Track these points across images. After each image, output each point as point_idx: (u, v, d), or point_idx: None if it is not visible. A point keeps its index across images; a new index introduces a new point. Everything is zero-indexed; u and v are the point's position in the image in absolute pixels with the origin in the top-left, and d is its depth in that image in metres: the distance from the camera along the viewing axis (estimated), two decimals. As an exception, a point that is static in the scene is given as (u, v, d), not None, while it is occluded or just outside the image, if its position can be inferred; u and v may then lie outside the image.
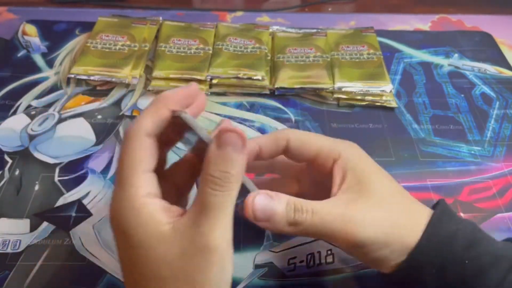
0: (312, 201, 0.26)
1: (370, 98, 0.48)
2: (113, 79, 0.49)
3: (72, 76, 0.49)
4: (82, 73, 0.49)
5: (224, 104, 0.48)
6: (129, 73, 0.49)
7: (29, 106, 0.47)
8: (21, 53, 0.54)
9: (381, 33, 0.57)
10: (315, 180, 0.32)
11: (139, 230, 0.23)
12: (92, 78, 0.49)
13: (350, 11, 0.65)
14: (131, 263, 0.24)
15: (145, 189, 0.24)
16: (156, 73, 0.49)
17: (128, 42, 0.52)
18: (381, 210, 0.27)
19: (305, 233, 0.26)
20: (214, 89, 0.49)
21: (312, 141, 0.29)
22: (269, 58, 0.52)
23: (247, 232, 0.37)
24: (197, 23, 0.56)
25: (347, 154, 0.29)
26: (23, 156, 0.42)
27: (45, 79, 0.50)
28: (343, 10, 0.66)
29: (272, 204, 0.26)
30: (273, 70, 0.51)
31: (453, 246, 0.26)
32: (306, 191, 0.32)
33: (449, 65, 0.54)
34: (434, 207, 0.29)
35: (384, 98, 0.48)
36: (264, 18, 0.62)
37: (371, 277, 0.34)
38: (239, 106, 0.48)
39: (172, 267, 0.23)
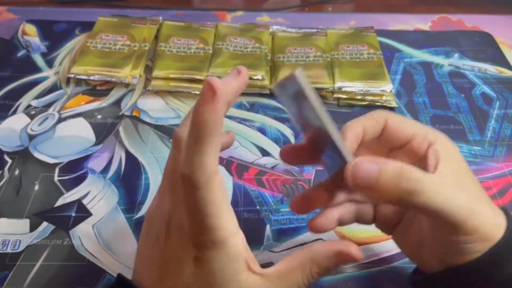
0: (424, 172, 0.25)
1: (370, 98, 0.48)
2: (113, 79, 0.49)
3: (72, 76, 0.49)
4: (82, 73, 0.49)
5: (224, 104, 0.48)
6: (129, 73, 0.49)
7: (29, 106, 0.47)
8: (21, 53, 0.54)
9: (381, 33, 0.57)
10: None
11: (224, 275, 0.24)
12: (92, 78, 0.49)
13: (350, 11, 0.65)
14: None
15: (238, 240, 0.24)
16: (156, 73, 0.49)
17: (128, 42, 0.52)
18: (481, 204, 0.25)
19: (412, 205, 0.24)
20: (214, 89, 0.49)
21: (409, 124, 0.29)
22: (269, 58, 0.52)
23: (247, 232, 0.37)
24: (197, 23, 0.56)
25: (443, 141, 0.28)
26: (23, 156, 0.42)
27: (45, 79, 0.50)
28: (343, 10, 0.66)
29: (378, 169, 0.24)
30: (273, 70, 0.51)
31: None
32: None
33: (449, 65, 0.54)
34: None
35: (384, 98, 0.48)
36: (264, 18, 0.62)
37: (371, 277, 0.34)
38: (239, 106, 0.48)
39: None
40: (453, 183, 0.26)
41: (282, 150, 0.30)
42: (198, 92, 0.48)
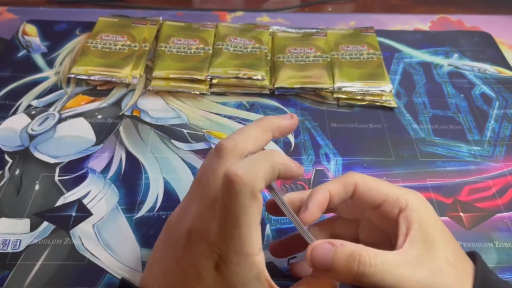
0: (381, 252, 0.25)
1: (370, 98, 0.48)
2: (113, 79, 0.49)
3: (73, 76, 0.49)
4: (83, 73, 0.49)
5: (224, 104, 0.48)
6: (129, 73, 0.49)
7: (29, 106, 0.47)
8: (21, 53, 0.54)
9: (381, 33, 0.57)
10: (375, 224, 0.31)
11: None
12: (92, 78, 0.49)
13: (350, 11, 0.66)
14: None
15: (259, 251, 0.25)
16: (156, 73, 0.49)
17: (128, 42, 0.53)
18: (443, 276, 0.26)
19: (365, 285, 0.25)
20: (214, 89, 0.49)
21: (380, 188, 0.29)
22: (269, 58, 0.52)
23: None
24: (197, 23, 0.56)
25: (414, 205, 0.28)
26: (23, 156, 0.42)
27: (45, 79, 0.50)
28: (343, 10, 0.66)
29: (333, 251, 0.25)
30: (273, 70, 0.51)
31: None
32: (365, 233, 0.32)
33: (449, 65, 0.54)
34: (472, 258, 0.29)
35: (384, 98, 0.48)
36: (264, 18, 0.62)
37: (371, 277, 0.34)
38: (239, 106, 0.48)
39: None
40: (415, 259, 0.26)
41: (271, 247, 0.32)
42: (198, 92, 0.49)
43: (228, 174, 0.23)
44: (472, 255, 0.29)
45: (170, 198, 0.39)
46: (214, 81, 0.49)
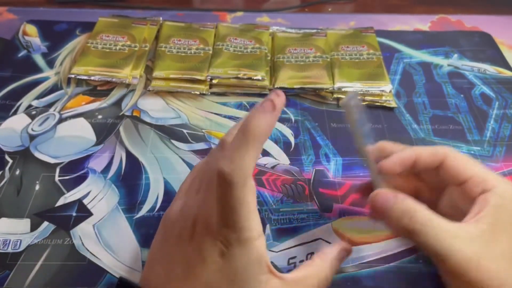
0: (438, 218, 0.26)
1: (369, 98, 0.48)
2: (114, 79, 0.49)
3: (73, 76, 0.49)
4: (83, 73, 0.49)
5: (224, 104, 0.48)
6: (129, 73, 0.49)
7: (29, 106, 0.47)
8: (22, 53, 0.54)
9: (380, 33, 0.58)
10: (456, 202, 0.30)
11: (246, 271, 0.25)
12: (92, 78, 0.49)
13: (350, 11, 0.66)
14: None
15: (259, 231, 0.26)
16: (156, 73, 0.49)
17: (128, 42, 0.53)
18: (499, 264, 0.25)
19: (413, 241, 0.27)
20: (214, 89, 0.49)
21: (469, 166, 0.29)
22: (269, 58, 0.52)
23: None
24: (197, 23, 0.57)
25: (500, 191, 0.27)
26: (24, 156, 0.42)
27: (45, 79, 0.50)
28: (343, 10, 0.66)
29: (393, 202, 0.27)
30: (273, 70, 0.51)
31: None
32: (445, 207, 0.32)
33: (449, 65, 0.54)
34: None
35: (383, 98, 0.48)
36: (264, 18, 0.62)
37: (371, 277, 0.34)
38: (239, 106, 0.48)
39: None
40: (472, 235, 0.26)
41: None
42: (198, 93, 0.49)
43: (219, 172, 0.24)
44: None
45: (170, 198, 0.39)
46: (214, 81, 0.49)
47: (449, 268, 0.25)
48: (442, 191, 0.32)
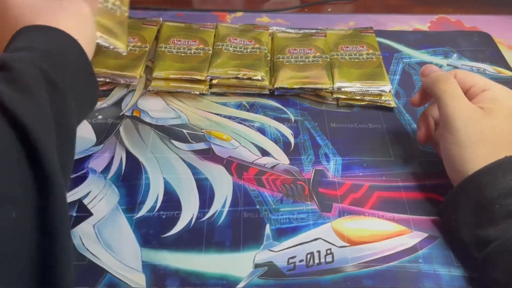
0: (459, 88, 0.36)
1: (369, 98, 0.48)
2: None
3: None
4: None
5: (224, 104, 0.48)
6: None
7: (29, 106, 0.47)
8: (22, 53, 0.54)
9: (380, 33, 0.58)
10: None
11: None
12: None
13: (349, 12, 0.66)
14: None
15: None
16: (156, 73, 0.49)
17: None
18: (486, 131, 0.34)
19: (433, 94, 0.38)
20: (214, 89, 0.49)
21: (473, 77, 0.38)
22: (268, 58, 0.52)
23: (247, 232, 0.37)
24: (197, 23, 0.57)
25: (496, 91, 0.36)
26: (24, 156, 0.42)
27: (45, 79, 0.50)
28: (343, 11, 0.66)
29: (434, 72, 0.39)
30: (273, 70, 0.51)
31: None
32: None
33: (448, 65, 0.54)
34: None
35: (383, 98, 0.48)
36: (263, 18, 0.62)
37: (371, 277, 0.34)
38: (239, 106, 0.48)
39: None
40: (475, 110, 0.35)
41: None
42: (198, 93, 0.49)
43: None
44: None
45: (170, 198, 0.39)
46: (214, 81, 0.49)
47: (450, 117, 0.35)
48: None
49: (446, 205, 0.36)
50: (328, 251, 0.36)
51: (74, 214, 0.37)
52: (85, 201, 0.38)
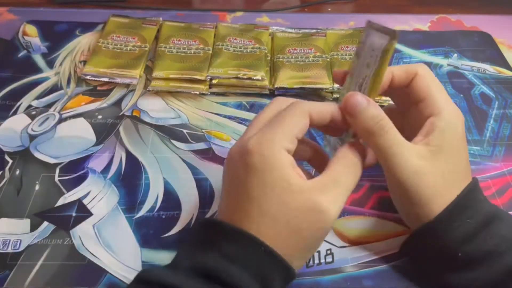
0: (398, 133, 0.30)
1: (369, 98, 0.48)
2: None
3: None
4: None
5: (224, 104, 0.48)
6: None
7: (29, 106, 0.47)
8: (22, 53, 0.54)
9: (380, 33, 0.57)
10: (413, 123, 0.33)
11: (272, 174, 0.27)
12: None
13: (349, 11, 0.66)
14: (252, 193, 0.28)
15: (287, 145, 0.28)
16: (156, 73, 0.49)
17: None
18: (434, 177, 0.30)
19: (370, 142, 0.30)
20: (214, 89, 0.49)
21: (429, 87, 0.32)
22: (268, 58, 0.52)
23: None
24: (197, 23, 0.57)
25: (447, 117, 0.31)
26: (24, 156, 0.42)
27: (45, 79, 0.50)
28: (343, 10, 0.66)
29: (364, 106, 0.29)
30: (273, 70, 0.51)
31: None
32: (407, 130, 0.34)
33: (448, 65, 0.54)
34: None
35: (383, 98, 0.48)
36: (263, 18, 0.62)
37: (371, 277, 0.34)
38: (239, 106, 0.48)
39: (286, 214, 0.27)
40: (420, 152, 0.30)
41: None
42: (198, 93, 0.49)
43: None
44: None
45: (170, 198, 0.39)
46: (214, 81, 0.49)
47: (394, 174, 0.30)
48: (404, 116, 0.35)
49: (402, 255, 0.35)
50: (328, 251, 0.36)
51: (74, 214, 0.37)
52: (85, 201, 0.38)
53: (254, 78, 0.49)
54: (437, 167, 0.30)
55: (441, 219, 0.30)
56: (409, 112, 0.34)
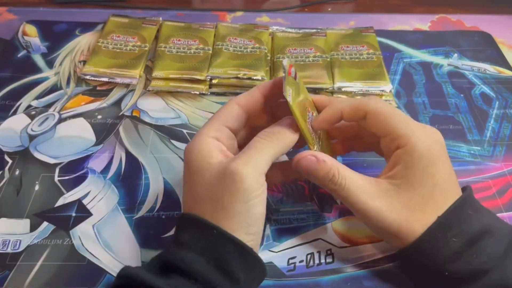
0: (355, 176, 0.31)
1: (369, 98, 0.48)
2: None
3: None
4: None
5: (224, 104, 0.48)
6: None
7: (29, 106, 0.47)
8: (21, 53, 0.54)
9: (380, 33, 0.57)
10: (373, 145, 0.35)
11: (197, 160, 0.30)
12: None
13: (349, 11, 0.66)
14: (188, 185, 0.31)
15: (214, 133, 0.31)
16: (156, 73, 0.49)
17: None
18: (401, 215, 0.30)
19: (338, 197, 0.31)
20: (214, 89, 0.49)
21: (388, 122, 0.31)
22: (268, 58, 0.52)
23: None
24: (197, 23, 0.57)
25: (412, 147, 0.30)
26: (23, 156, 0.42)
27: (45, 79, 0.50)
28: (343, 10, 0.66)
29: (315, 167, 0.31)
30: (273, 70, 0.51)
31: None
32: (383, 155, 0.34)
33: (449, 65, 0.54)
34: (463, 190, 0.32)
35: (383, 98, 0.48)
36: (263, 18, 0.62)
37: (370, 277, 0.34)
38: (239, 106, 0.48)
39: (209, 190, 0.29)
40: (381, 191, 0.30)
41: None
42: (197, 93, 0.49)
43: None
44: (463, 189, 0.32)
45: (170, 198, 0.39)
46: (214, 81, 0.49)
47: (359, 217, 0.31)
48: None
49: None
50: (328, 252, 0.36)
51: (74, 214, 0.37)
52: (85, 201, 0.38)
53: (254, 78, 0.48)
54: (401, 199, 0.30)
55: (422, 240, 0.29)
56: (382, 142, 0.33)
